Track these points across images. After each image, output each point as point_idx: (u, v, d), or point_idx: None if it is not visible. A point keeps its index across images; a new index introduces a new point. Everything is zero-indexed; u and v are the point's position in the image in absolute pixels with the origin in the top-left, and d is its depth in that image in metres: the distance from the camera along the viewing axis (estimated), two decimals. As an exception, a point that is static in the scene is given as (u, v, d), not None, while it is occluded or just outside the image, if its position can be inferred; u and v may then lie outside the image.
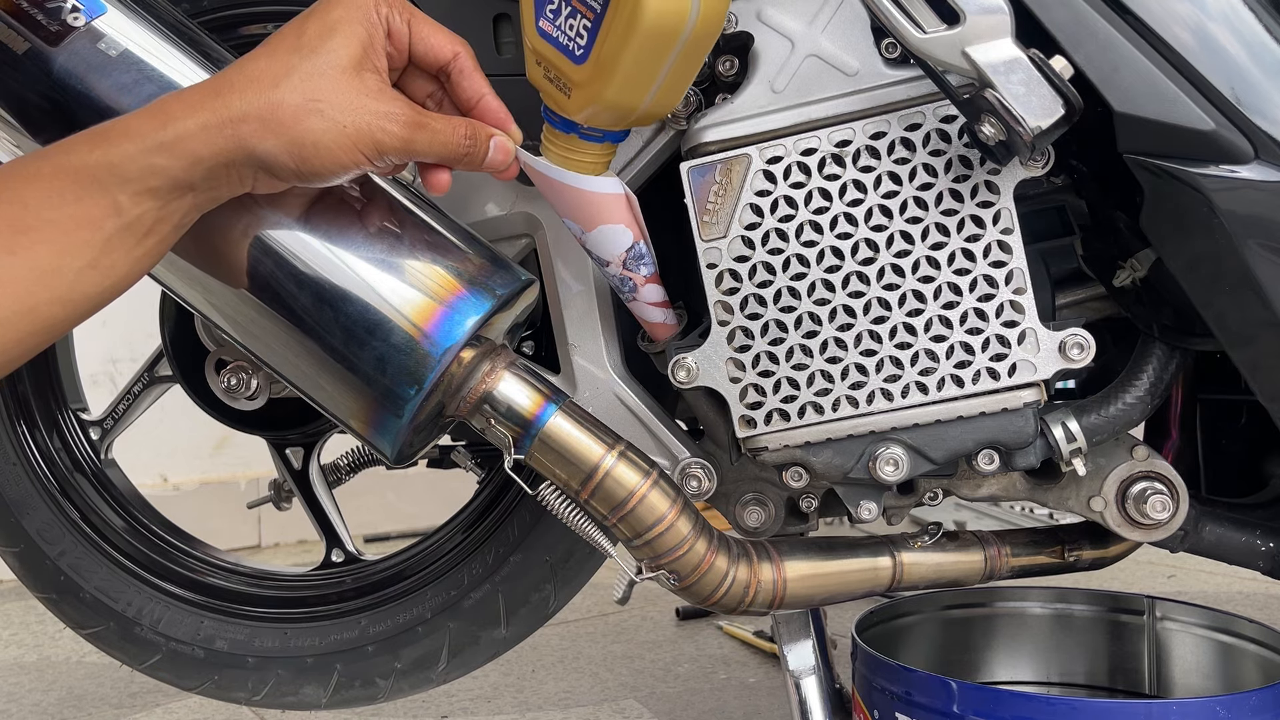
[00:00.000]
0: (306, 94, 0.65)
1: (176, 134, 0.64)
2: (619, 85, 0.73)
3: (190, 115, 0.64)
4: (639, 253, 0.83)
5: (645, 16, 0.69)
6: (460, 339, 0.75)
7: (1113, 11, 0.77)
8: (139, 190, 0.64)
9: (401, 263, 0.75)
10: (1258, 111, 0.76)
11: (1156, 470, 0.89)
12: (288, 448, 1.19)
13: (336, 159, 0.66)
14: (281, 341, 0.76)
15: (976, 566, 0.94)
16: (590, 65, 0.73)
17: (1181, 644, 1.04)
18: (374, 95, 0.67)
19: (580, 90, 0.74)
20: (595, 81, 0.73)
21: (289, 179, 0.67)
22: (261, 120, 0.64)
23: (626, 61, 0.72)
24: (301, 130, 0.65)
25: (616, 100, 0.74)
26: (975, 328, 0.81)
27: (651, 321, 0.87)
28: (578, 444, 0.81)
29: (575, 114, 0.76)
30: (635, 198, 0.83)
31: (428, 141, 0.69)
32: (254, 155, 0.65)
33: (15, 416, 1.19)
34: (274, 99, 0.64)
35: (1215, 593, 1.72)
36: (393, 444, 0.78)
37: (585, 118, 0.76)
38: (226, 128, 0.64)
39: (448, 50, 0.72)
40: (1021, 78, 0.72)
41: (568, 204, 0.81)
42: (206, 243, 0.75)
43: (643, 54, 0.72)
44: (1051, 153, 0.79)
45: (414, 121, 0.68)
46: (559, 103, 0.76)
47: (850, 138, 0.82)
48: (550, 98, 0.77)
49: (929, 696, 0.88)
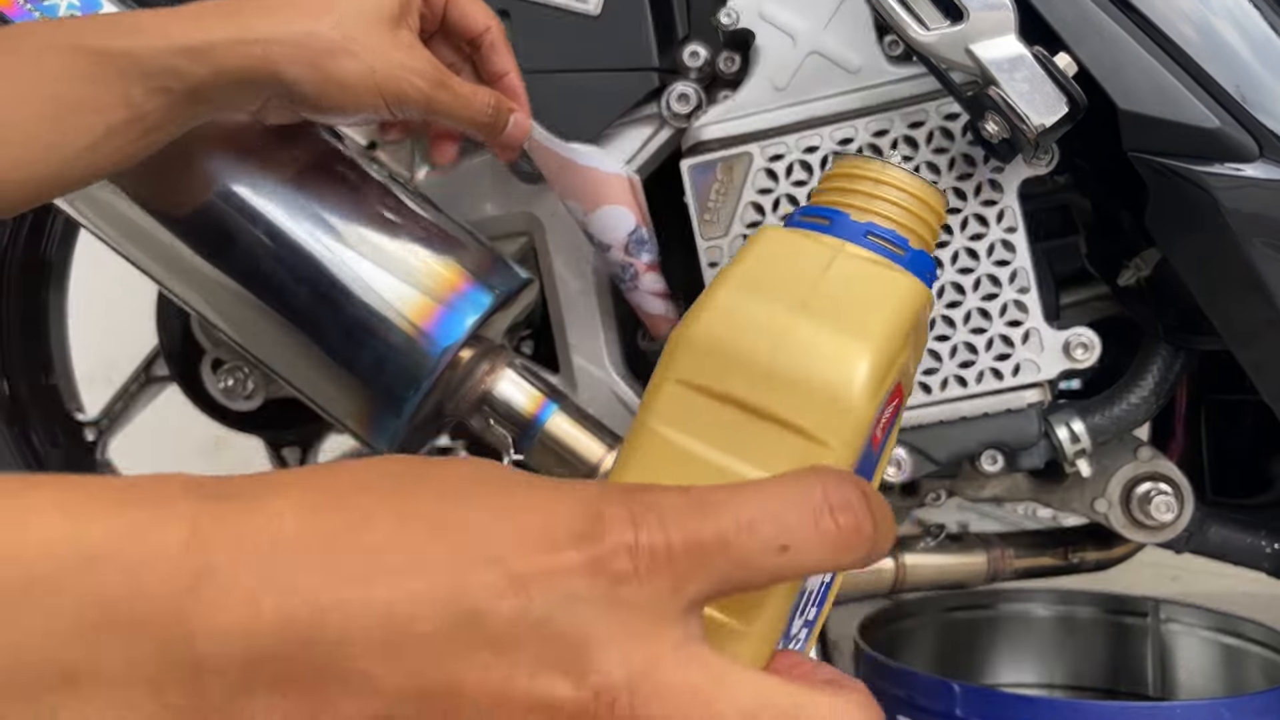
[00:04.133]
0: (344, 32, 0.66)
1: (208, 41, 0.63)
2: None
3: (225, 27, 0.64)
4: (641, 238, 0.82)
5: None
6: (459, 338, 0.75)
7: (1117, 8, 0.76)
8: (155, 88, 0.63)
9: (400, 261, 0.75)
10: (1263, 109, 0.76)
11: (1161, 471, 0.88)
12: (285, 448, 1.18)
13: (359, 100, 0.67)
14: (278, 340, 0.76)
15: (979, 568, 0.94)
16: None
17: (1186, 646, 1.03)
18: (406, 50, 0.68)
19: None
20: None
21: (305, 110, 0.68)
22: (296, 47, 0.65)
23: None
24: (333, 66, 0.65)
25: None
26: (979, 327, 0.81)
27: (651, 313, 0.86)
28: (577, 444, 0.80)
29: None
30: (640, 183, 0.82)
31: (449, 102, 0.70)
32: (280, 79, 0.65)
33: (11, 417, 1.19)
34: (312, 29, 0.65)
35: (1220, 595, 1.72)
36: (391, 444, 0.78)
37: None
38: (258, 47, 0.64)
39: (481, 23, 0.74)
40: (1026, 75, 0.71)
41: (571, 182, 0.80)
42: (207, 240, 0.75)
43: None
44: (1056, 151, 0.79)
45: (439, 81, 0.69)
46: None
47: (853, 135, 0.81)
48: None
49: (931, 699, 0.87)
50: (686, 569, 0.31)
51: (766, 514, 0.32)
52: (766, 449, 0.39)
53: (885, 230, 0.44)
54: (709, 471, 0.39)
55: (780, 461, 0.38)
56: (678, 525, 0.31)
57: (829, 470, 0.35)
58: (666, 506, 0.32)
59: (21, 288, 1.20)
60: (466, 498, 0.32)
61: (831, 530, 0.33)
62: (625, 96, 0.87)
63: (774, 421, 0.39)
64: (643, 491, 0.33)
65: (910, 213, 0.45)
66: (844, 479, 0.34)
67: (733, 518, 0.32)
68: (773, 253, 0.43)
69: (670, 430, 0.40)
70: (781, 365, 0.40)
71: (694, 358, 0.40)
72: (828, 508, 0.33)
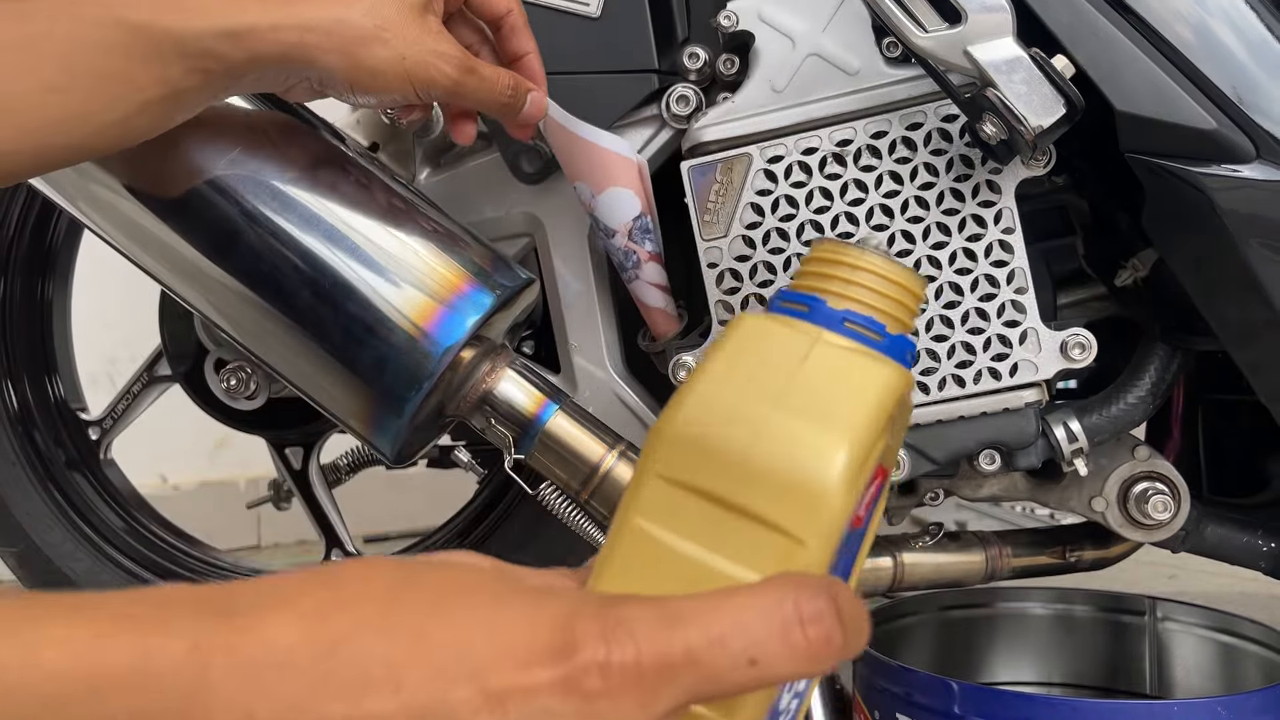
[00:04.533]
0: (376, 20, 0.67)
1: (249, 25, 0.64)
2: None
3: (263, 13, 0.65)
4: (645, 225, 0.83)
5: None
6: (460, 338, 0.75)
7: (1114, 10, 0.76)
8: (193, 68, 0.64)
9: (401, 261, 0.75)
10: (1260, 110, 0.76)
11: (1158, 470, 0.89)
12: (287, 448, 1.19)
13: (388, 86, 0.68)
14: (281, 340, 0.76)
15: (977, 567, 0.94)
16: None
17: (1183, 644, 1.03)
18: (434, 35, 0.70)
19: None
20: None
21: (334, 94, 0.70)
22: (329, 35, 0.66)
23: None
24: (365, 54, 0.67)
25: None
26: (976, 327, 0.81)
27: (650, 305, 0.86)
28: (578, 444, 0.81)
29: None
30: (648, 171, 0.83)
31: (475, 86, 0.71)
32: (314, 65, 0.67)
33: (14, 416, 1.19)
34: (345, 18, 0.66)
35: (1217, 593, 1.72)
36: (392, 443, 0.78)
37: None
38: (295, 34, 0.65)
39: (503, 5, 0.76)
40: (1023, 76, 0.72)
41: (582, 162, 0.81)
42: (210, 240, 0.75)
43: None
44: (1053, 152, 0.79)
45: (466, 66, 0.71)
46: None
47: (851, 137, 0.82)
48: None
49: (930, 697, 0.88)
50: (656, 685, 0.33)
51: (736, 628, 0.33)
52: (745, 545, 0.39)
53: (863, 317, 0.44)
54: (689, 568, 0.40)
55: (759, 558, 0.39)
56: (648, 641, 0.33)
57: (802, 581, 0.35)
58: (637, 622, 0.33)
59: (25, 288, 1.20)
60: (452, 609, 0.34)
61: (801, 643, 0.34)
62: (625, 98, 0.87)
63: (752, 518, 0.40)
64: (616, 605, 0.34)
65: (888, 298, 0.45)
66: (816, 590, 0.35)
67: (702, 632, 0.33)
68: (751, 342, 0.43)
69: (651, 525, 0.41)
70: (758, 461, 0.40)
71: (674, 452, 0.41)
72: (798, 621, 0.34)
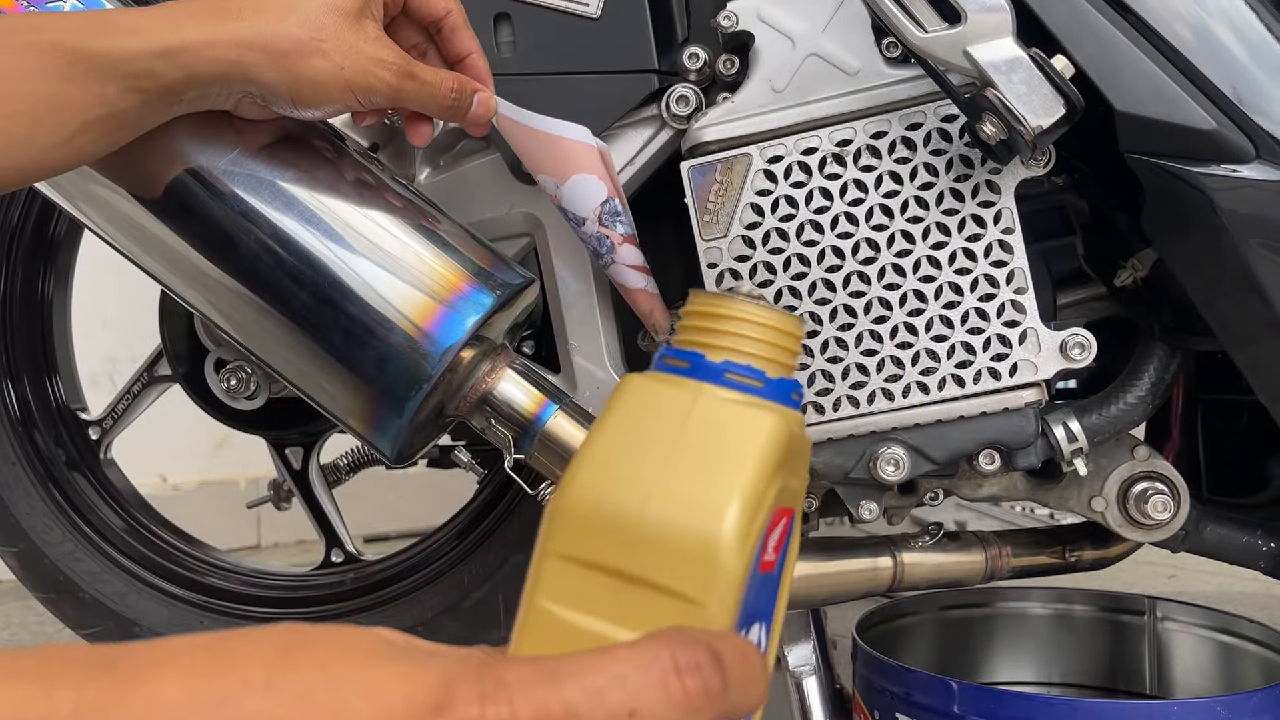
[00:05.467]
0: (311, 31, 0.67)
1: (183, 44, 0.65)
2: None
3: (198, 31, 0.65)
4: (614, 209, 0.82)
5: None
6: (460, 338, 0.75)
7: (1114, 10, 0.76)
8: (131, 88, 0.65)
9: (401, 261, 0.75)
10: (1259, 110, 0.76)
11: (1157, 470, 0.89)
12: (287, 447, 1.19)
13: (329, 97, 0.69)
14: (281, 340, 0.76)
15: (977, 567, 0.94)
16: None
17: (1182, 644, 1.03)
18: (372, 42, 0.70)
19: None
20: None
21: (279, 108, 0.70)
22: (265, 50, 0.66)
23: None
24: (303, 66, 0.67)
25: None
26: (976, 327, 0.81)
27: (630, 287, 0.86)
28: (578, 443, 0.81)
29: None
30: (609, 153, 0.83)
31: (416, 91, 0.72)
32: (253, 82, 0.67)
33: (15, 416, 1.19)
34: (280, 32, 0.66)
35: (1216, 593, 1.72)
36: (393, 443, 0.78)
37: None
38: (231, 51, 0.65)
39: (441, 7, 0.76)
40: (1023, 77, 0.72)
41: (541, 154, 0.81)
42: (210, 241, 0.75)
43: None
44: (1052, 152, 0.79)
45: (405, 71, 0.71)
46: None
47: (851, 137, 0.82)
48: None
49: (930, 697, 0.88)
50: None
51: (614, 681, 0.33)
52: (647, 614, 0.39)
53: (741, 366, 0.44)
54: (595, 642, 0.39)
55: (661, 624, 0.38)
56: (524, 698, 0.33)
57: (680, 633, 0.35)
58: (514, 680, 0.33)
59: (26, 289, 1.20)
60: (337, 669, 0.34)
61: (679, 692, 0.34)
62: (625, 98, 0.87)
63: (650, 586, 0.40)
64: (496, 665, 0.34)
65: (765, 344, 0.45)
66: (694, 641, 0.35)
67: (579, 686, 0.33)
68: (636, 405, 0.43)
69: (554, 605, 0.40)
70: (650, 527, 0.40)
71: (569, 529, 0.40)
72: (675, 670, 0.34)
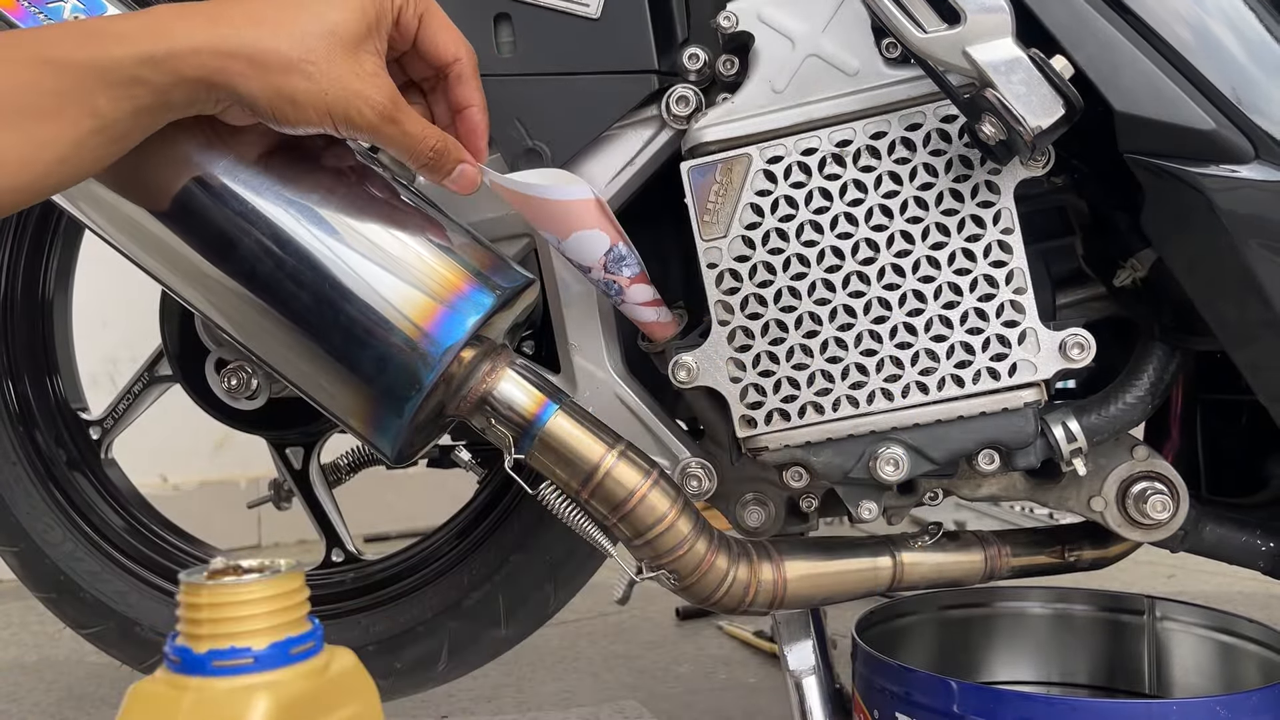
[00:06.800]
0: (301, 52, 0.67)
1: (170, 50, 0.64)
2: None
3: (187, 37, 0.65)
4: (618, 255, 0.83)
5: None
6: (461, 339, 0.75)
7: (1113, 11, 0.77)
8: (120, 97, 0.64)
9: (402, 262, 0.75)
10: (1258, 111, 0.76)
11: (1157, 470, 0.89)
12: (288, 447, 1.19)
13: (308, 118, 0.68)
14: (281, 341, 0.76)
15: (977, 566, 0.94)
16: None
17: (1181, 644, 1.04)
18: (363, 77, 0.69)
19: None
20: None
21: (262, 119, 0.69)
22: (251, 62, 0.66)
23: None
24: (286, 84, 0.66)
25: None
26: (976, 327, 0.81)
27: (645, 322, 0.87)
28: (578, 444, 0.81)
29: None
30: (606, 202, 0.83)
31: (395, 137, 0.71)
32: (235, 92, 0.66)
33: (15, 416, 1.19)
34: (269, 45, 0.66)
35: (1215, 593, 1.72)
36: (393, 443, 0.78)
37: None
38: (218, 59, 0.65)
39: (449, 54, 0.75)
40: (1022, 77, 0.72)
41: (539, 215, 0.81)
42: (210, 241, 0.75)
43: None
44: (1052, 152, 0.79)
45: (389, 115, 0.70)
46: None
47: (851, 137, 0.82)
48: None
49: (929, 696, 0.88)
50: None
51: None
52: None
53: (225, 651, 0.44)
54: None
55: None
56: None
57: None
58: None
59: (26, 289, 1.20)
60: None
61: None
62: (625, 99, 0.87)
63: None
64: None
65: (250, 618, 0.45)
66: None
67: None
68: (139, 711, 0.43)
69: None
70: None
71: None
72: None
